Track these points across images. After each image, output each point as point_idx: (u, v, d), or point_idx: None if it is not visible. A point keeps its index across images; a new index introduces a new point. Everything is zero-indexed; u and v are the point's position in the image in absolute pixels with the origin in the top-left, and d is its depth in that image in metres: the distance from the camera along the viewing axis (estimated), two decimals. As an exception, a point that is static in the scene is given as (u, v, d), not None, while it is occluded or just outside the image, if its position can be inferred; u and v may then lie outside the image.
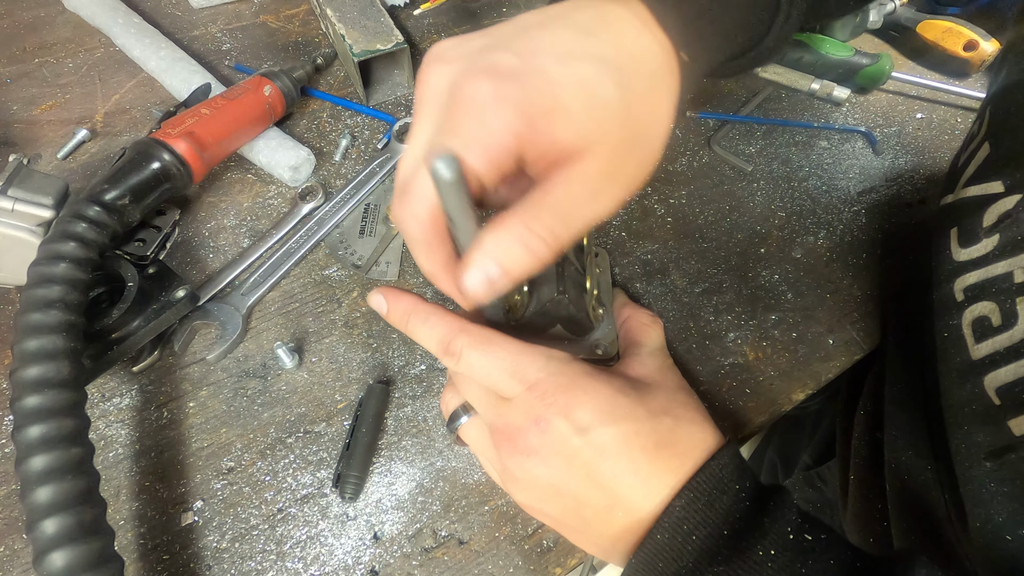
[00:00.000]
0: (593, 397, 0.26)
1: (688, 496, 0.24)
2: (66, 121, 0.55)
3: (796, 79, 0.60)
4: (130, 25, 0.60)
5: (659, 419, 0.27)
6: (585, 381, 0.26)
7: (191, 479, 0.38)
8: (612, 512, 0.26)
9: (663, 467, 0.25)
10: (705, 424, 0.28)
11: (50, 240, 0.36)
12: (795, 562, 0.23)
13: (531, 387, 0.26)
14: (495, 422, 0.28)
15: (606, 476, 0.25)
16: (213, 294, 0.44)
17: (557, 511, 0.27)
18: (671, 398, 0.28)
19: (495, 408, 0.28)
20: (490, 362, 0.27)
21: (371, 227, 0.49)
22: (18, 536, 0.35)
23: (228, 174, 0.53)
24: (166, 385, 0.41)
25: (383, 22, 0.56)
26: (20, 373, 0.31)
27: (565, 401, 0.26)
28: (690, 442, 0.27)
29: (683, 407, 0.28)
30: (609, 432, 0.25)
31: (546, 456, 0.26)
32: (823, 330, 0.45)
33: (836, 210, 0.52)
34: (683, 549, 0.24)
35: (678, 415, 0.27)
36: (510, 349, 0.27)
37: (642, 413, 0.26)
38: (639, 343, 0.32)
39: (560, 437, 0.26)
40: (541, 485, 0.27)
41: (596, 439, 0.25)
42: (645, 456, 0.25)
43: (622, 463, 0.25)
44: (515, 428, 0.27)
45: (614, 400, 0.26)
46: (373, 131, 0.56)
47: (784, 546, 0.23)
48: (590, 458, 0.25)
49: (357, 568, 0.35)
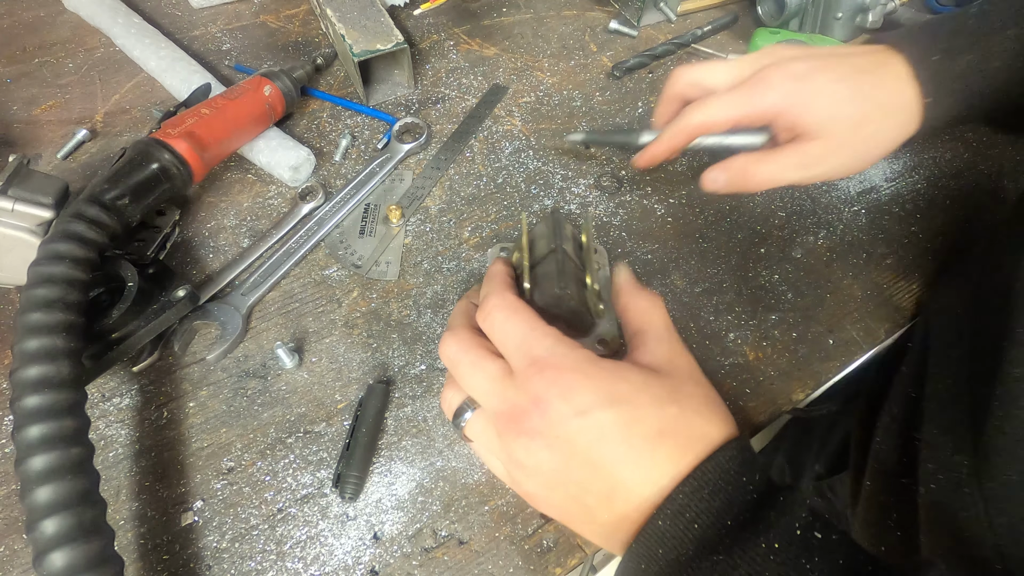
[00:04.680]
0: (594, 380, 0.26)
1: (692, 484, 0.24)
2: (66, 121, 0.56)
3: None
4: (130, 25, 0.60)
5: (663, 407, 0.26)
6: (587, 366, 0.26)
7: (191, 479, 0.38)
8: (612, 499, 0.25)
9: (664, 456, 0.25)
10: (713, 416, 0.27)
11: (50, 240, 0.36)
12: (800, 558, 0.23)
13: (532, 363, 0.27)
14: (498, 407, 0.28)
15: (605, 460, 0.25)
16: (213, 294, 0.44)
17: (561, 498, 0.27)
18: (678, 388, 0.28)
19: (499, 390, 0.28)
20: (510, 327, 0.28)
21: (371, 227, 0.49)
22: (18, 536, 0.35)
23: (228, 174, 0.53)
24: (166, 385, 0.41)
25: (383, 22, 0.56)
26: (20, 373, 0.31)
27: (566, 382, 0.26)
28: (694, 433, 0.26)
29: (690, 398, 0.28)
30: (608, 416, 0.25)
31: (549, 439, 0.26)
32: (823, 330, 0.45)
33: (836, 210, 0.52)
34: (684, 537, 0.24)
35: (684, 405, 0.27)
36: (528, 322, 0.28)
37: (645, 400, 0.26)
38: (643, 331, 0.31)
39: (560, 418, 0.25)
40: (546, 471, 0.26)
41: (595, 422, 0.25)
42: (646, 444, 0.25)
43: (621, 448, 0.25)
44: (518, 409, 0.27)
45: (615, 386, 0.26)
46: (373, 131, 0.56)
47: (789, 541, 0.23)
48: (589, 442, 0.25)
49: (357, 568, 0.35)
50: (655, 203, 0.52)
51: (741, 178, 0.40)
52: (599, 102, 0.60)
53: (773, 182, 0.40)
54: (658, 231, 0.50)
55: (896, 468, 0.43)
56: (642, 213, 0.51)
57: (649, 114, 0.59)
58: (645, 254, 0.48)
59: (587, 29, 0.67)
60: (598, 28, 0.67)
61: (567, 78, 0.62)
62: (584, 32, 0.67)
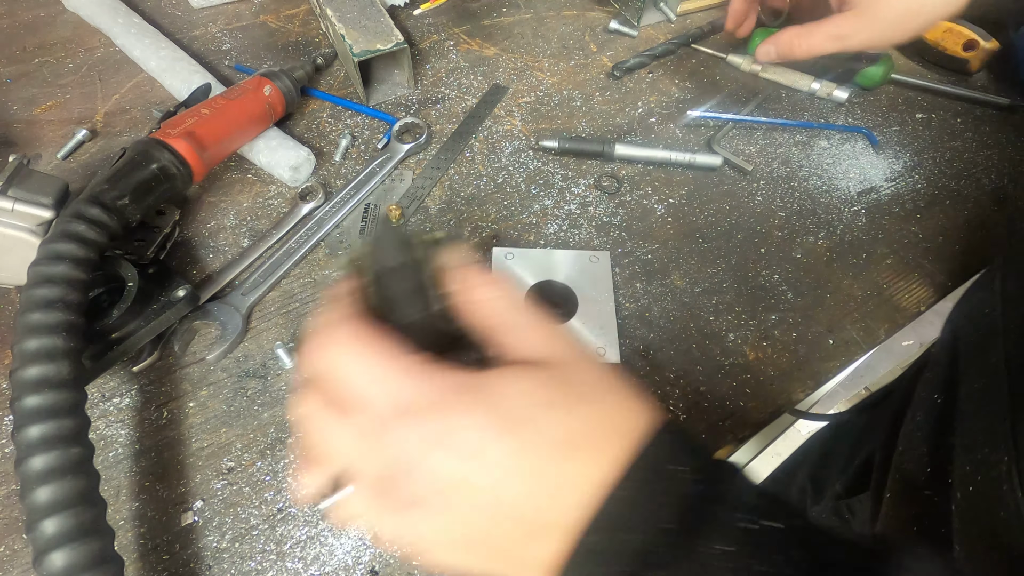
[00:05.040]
0: (474, 411, 0.22)
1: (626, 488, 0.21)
2: (66, 121, 0.56)
3: (796, 79, 0.60)
4: (130, 25, 0.60)
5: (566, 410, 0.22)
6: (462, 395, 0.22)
7: (191, 479, 0.38)
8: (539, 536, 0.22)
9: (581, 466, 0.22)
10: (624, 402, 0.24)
11: (50, 240, 0.36)
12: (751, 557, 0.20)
13: (396, 410, 0.22)
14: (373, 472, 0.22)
15: (515, 499, 0.21)
16: (213, 294, 0.44)
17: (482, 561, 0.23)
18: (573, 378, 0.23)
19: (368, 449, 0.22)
20: (357, 365, 0.22)
21: (371, 227, 0.49)
22: (18, 536, 0.35)
23: (228, 174, 0.53)
24: (166, 385, 0.41)
25: (383, 22, 0.56)
26: (20, 373, 0.31)
27: (442, 427, 0.21)
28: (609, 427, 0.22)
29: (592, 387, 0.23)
30: (505, 448, 0.21)
31: (438, 503, 0.21)
32: (823, 330, 0.45)
33: (836, 210, 0.52)
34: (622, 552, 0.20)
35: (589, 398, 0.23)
36: (378, 354, 0.22)
37: (540, 410, 0.22)
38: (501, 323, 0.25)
39: (447, 473, 0.21)
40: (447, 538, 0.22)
41: (490, 462, 0.21)
42: (559, 459, 0.21)
43: (525, 479, 0.21)
44: (389, 478, 0.22)
45: (500, 407, 0.22)
46: (373, 131, 0.56)
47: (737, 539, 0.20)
48: (489, 486, 0.21)
49: (357, 568, 0.35)
50: (655, 203, 0.52)
51: (788, 48, 0.48)
52: (599, 102, 0.60)
53: (813, 51, 0.47)
54: (658, 231, 0.50)
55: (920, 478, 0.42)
56: (642, 213, 0.51)
57: (649, 114, 0.59)
58: (645, 254, 0.48)
59: (587, 29, 0.67)
60: (598, 28, 0.67)
61: (567, 78, 0.62)
62: (584, 32, 0.67)
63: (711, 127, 0.58)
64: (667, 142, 0.56)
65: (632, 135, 0.57)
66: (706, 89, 0.61)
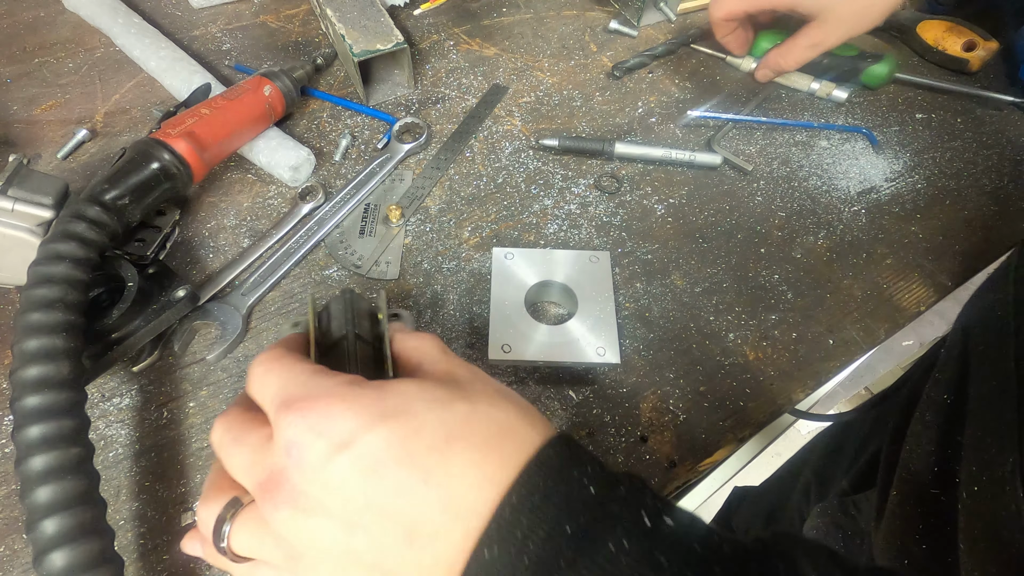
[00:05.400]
0: (352, 402, 0.21)
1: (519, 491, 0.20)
2: (66, 121, 0.56)
3: (796, 79, 0.60)
4: (130, 25, 0.60)
5: (448, 406, 0.21)
6: (344, 389, 0.21)
7: (191, 479, 0.38)
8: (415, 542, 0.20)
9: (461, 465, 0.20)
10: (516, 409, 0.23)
11: (50, 240, 0.36)
12: (653, 551, 0.19)
13: (283, 404, 0.21)
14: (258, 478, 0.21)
15: (388, 495, 0.19)
16: (213, 294, 0.44)
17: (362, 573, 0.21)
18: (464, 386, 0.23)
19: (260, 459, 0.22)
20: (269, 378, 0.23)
21: (371, 227, 0.49)
22: (18, 536, 0.35)
23: (228, 174, 0.53)
24: (166, 385, 0.41)
25: (383, 22, 0.56)
26: (20, 373, 0.31)
27: (317, 414, 0.20)
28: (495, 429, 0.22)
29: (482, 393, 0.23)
30: (378, 436, 0.20)
31: (312, 497, 0.20)
32: (823, 330, 0.45)
33: (836, 210, 0.52)
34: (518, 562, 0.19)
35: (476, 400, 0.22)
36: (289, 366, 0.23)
37: (422, 406, 0.21)
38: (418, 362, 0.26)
39: (319, 461, 0.20)
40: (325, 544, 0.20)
41: (363, 450, 0.20)
42: (436, 455, 0.20)
43: (403, 472, 0.20)
44: (275, 471, 0.21)
45: (381, 401, 0.21)
46: (373, 131, 0.56)
47: (640, 535, 0.19)
48: (363, 478, 0.19)
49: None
50: (655, 203, 0.52)
51: (777, 67, 0.56)
52: (599, 102, 0.60)
53: (799, 62, 0.54)
54: (658, 231, 0.50)
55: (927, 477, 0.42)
56: (642, 213, 0.51)
57: (649, 114, 0.59)
58: (645, 254, 0.48)
59: (587, 29, 0.67)
60: (598, 28, 0.67)
61: (567, 78, 0.62)
62: (584, 32, 0.67)
63: (711, 127, 0.58)
64: (667, 142, 0.56)
65: (632, 135, 0.57)
66: (706, 89, 0.61)
